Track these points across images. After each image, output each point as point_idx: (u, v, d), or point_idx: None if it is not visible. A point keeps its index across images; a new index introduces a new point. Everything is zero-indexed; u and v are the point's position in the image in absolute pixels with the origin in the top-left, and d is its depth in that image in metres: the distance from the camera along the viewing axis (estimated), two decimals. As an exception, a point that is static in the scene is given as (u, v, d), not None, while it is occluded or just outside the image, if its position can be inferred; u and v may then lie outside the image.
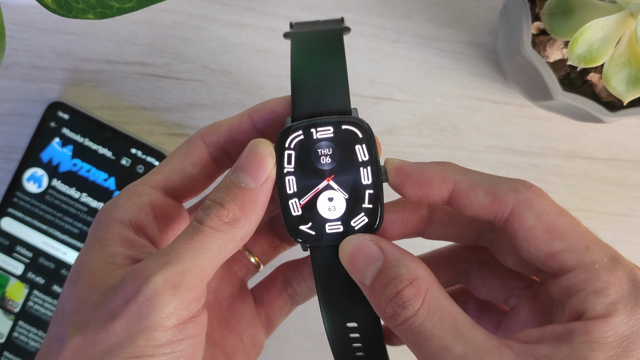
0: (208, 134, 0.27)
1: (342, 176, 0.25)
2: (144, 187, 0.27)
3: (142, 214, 0.26)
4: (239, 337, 0.30)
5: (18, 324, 0.41)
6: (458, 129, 0.44)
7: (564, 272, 0.24)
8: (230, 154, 0.28)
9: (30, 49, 0.42)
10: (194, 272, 0.23)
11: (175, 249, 0.23)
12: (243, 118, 0.28)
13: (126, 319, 0.22)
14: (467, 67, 0.44)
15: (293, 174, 0.25)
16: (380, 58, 0.44)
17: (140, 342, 0.22)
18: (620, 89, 0.33)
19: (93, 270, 0.24)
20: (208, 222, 0.24)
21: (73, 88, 0.42)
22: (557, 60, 0.36)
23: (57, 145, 0.41)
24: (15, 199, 0.41)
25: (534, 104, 0.41)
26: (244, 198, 0.24)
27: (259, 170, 0.25)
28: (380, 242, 0.25)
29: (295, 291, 0.31)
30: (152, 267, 0.23)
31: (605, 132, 0.44)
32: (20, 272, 0.41)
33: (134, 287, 0.22)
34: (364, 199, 0.26)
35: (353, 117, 0.26)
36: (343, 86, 0.26)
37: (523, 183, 0.25)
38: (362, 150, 0.25)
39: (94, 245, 0.25)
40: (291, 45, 0.28)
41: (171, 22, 0.43)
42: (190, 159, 0.27)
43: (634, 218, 0.44)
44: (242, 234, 0.24)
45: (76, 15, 0.30)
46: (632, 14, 0.32)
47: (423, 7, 0.44)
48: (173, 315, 0.22)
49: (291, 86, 0.27)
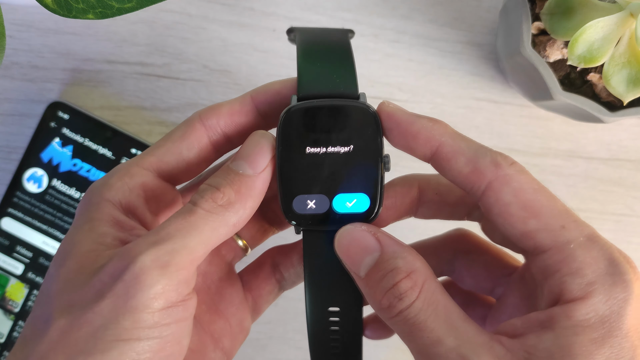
0: (207, 116, 0.27)
1: (344, 161, 0.25)
2: (137, 168, 0.26)
3: (133, 195, 0.26)
4: (227, 321, 0.30)
5: (18, 324, 0.41)
6: (458, 128, 0.43)
7: (539, 252, 0.24)
8: (229, 137, 0.27)
9: (30, 49, 0.42)
10: (183, 253, 0.22)
11: (165, 229, 0.23)
12: (245, 100, 0.27)
13: (113, 299, 0.22)
14: (467, 67, 0.44)
15: (293, 155, 0.25)
16: (380, 58, 0.44)
17: (126, 323, 0.21)
18: (620, 89, 0.33)
19: (82, 250, 0.24)
20: (202, 203, 0.24)
21: (73, 88, 0.42)
22: (557, 60, 0.36)
23: (57, 145, 0.41)
24: (16, 199, 0.41)
25: (534, 104, 0.41)
26: (240, 183, 0.24)
27: (258, 158, 0.25)
28: (378, 233, 0.25)
29: (283, 276, 0.31)
30: (141, 246, 0.22)
31: (605, 132, 0.44)
32: (21, 272, 0.41)
33: (122, 265, 0.22)
34: (365, 185, 0.25)
35: (361, 102, 0.25)
36: (351, 70, 0.26)
37: (506, 158, 0.25)
38: (367, 135, 0.25)
39: (83, 225, 0.25)
40: (297, 36, 0.28)
41: (171, 22, 0.43)
42: (187, 142, 0.26)
43: (634, 218, 0.44)
44: (235, 218, 0.24)
45: (76, 15, 0.30)
46: (632, 14, 0.32)
47: (423, 7, 0.44)
48: (161, 296, 0.22)
49: (297, 66, 0.26)
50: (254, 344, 0.43)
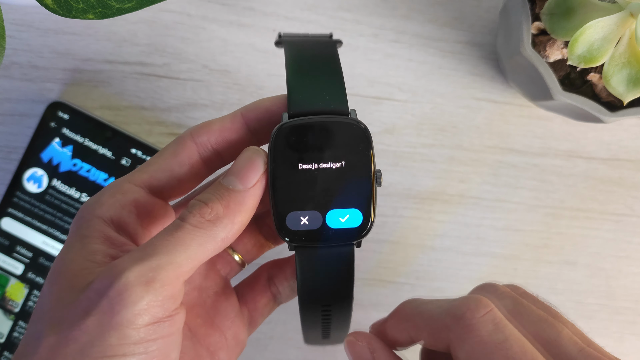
0: (198, 133, 0.27)
1: (336, 177, 0.25)
2: (129, 185, 0.26)
3: (124, 212, 0.26)
4: (223, 335, 0.30)
5: (18, 324, 0.41)
6: (458, 128, 0.44)
7: None
8: (220, 153, 0.27)
9: (30, 49, 0.42)
10: (168, 268, 0.22)
11: (152, 245, 0.23)
12: (235, 117, 0.27)
13: (98, 315, 0.22)
14: (467, 67, 0.44)
15: (286, 172, 0.25)
16: (380, 58, 0.44)
17: (112, 340, 0.21)
18: (620, 89, 0.33)
19: (73, 268, 0.24)
20: (189, 219, 0.24)
21: (73, 88, 0.42)
22: (557, 60, 0.36)
23: (57, 145, 0.41)
24: (16, 199, 0.41)
25: (534, 103, 0.41)
26: (230, 199, 0.24)
27: (249, 173, 0.25)
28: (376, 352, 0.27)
29: (279, 290, 0.31)
30: (126, 262, 0.22)
31: (605, 132, 0.44)
32: (21, 272, 0.41)
33: (107, 282, 0.22)
34: (358, 200, 0.25)
35: (352, 119, 0.25)
36: (340, 87, 0.26)
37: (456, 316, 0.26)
38: (358, 151, 0.25)
39: (74, 243, 0.25)
40: (286, 49, 0.28)
41: (171, 22, 0.43)
42: (178, 159, 0.27)
43: (634, 218, 0.44)
44: (223, 234, 0.24)
45: (76, 15, 0.30)
46: (632, 14, 0.32)
47: (423, 7, 0.44)
48: (146, 312, 0.22)
49: (287, 83, 0.26)
50: (255, 343, 0.43)
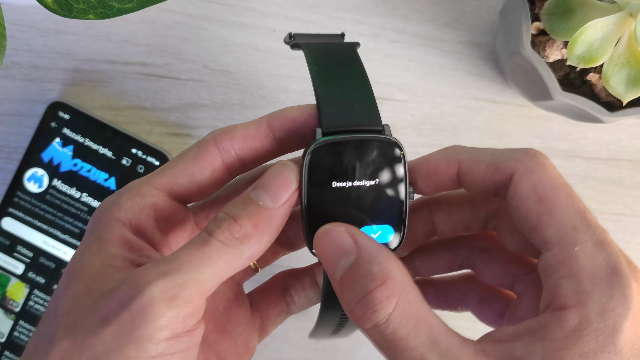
0: (222, 139, 0.26)
1: (369, 194, 0.25)
2: (148, 188, 0.26)
3: (143, 215, 0.25)
4: (234, 341, 0.29)
5: (19, 324, 0.41)
6: (458, 129, 0.44)
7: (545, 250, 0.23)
8: (243, 160, 0.27)
9: (31, 49, 0.42)
10: (193, 286, 0.22)
11: (178, 259, 0.22)
12: (261, 125, 0.26)
13: (117, 327, 0.21)
14: (467, 67, 0.44)
15: (321, 190, 0.25)
16: (380, 58, 0.44)
17: (130, 352, 0.21)
18: (620, 89, 0.33)
19: (91, 272, 0.23)
20: (218, 235, 0.23)
21: (73, 88, 0.42)
22: (556, 61, 0.36)
23: (57, 145, 0.41)
24: (16, 199, 0.41)
25: (534, 104, 0.42)
26: (259, 217, 0.23)
27: (280, 191, 0.24)
28: (357, 235, 0.23)
29: (294, 300, 0.31)
30: (151, 274, 0.22)
31: (605, 132, 0.44)
32: (21, 271, 0.41)
33: (130, 293, 0.22)
34: (390, 216, 0.25)
35: (386, 137, 0.25)
36: (371, 99, 0.26)
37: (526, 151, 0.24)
38: (394, 170, 0.25)
39: (92, 245, 0.24)
40: (307, 54, 0.27)
41: (171, 22, 0.43)
42: (199, 164, 0.26)
43: (634, 218, 0.45)
44: (250, 252, 0.23)
45: (77, 16, 0.30)
46: (631, 14, 0.32)
47: (423, 7, 0.44)
48: (167, 328, 0.21)
49: (316, 95, 0.26)
50: (254, 343, 0.43)
